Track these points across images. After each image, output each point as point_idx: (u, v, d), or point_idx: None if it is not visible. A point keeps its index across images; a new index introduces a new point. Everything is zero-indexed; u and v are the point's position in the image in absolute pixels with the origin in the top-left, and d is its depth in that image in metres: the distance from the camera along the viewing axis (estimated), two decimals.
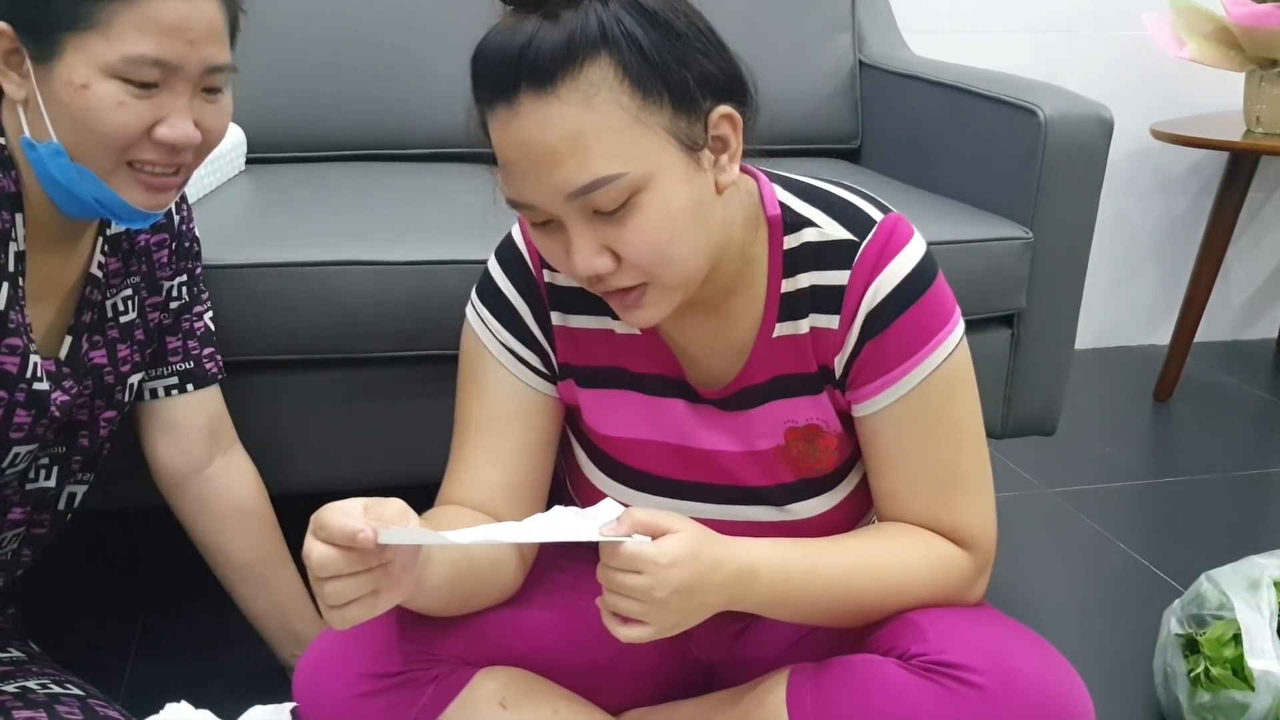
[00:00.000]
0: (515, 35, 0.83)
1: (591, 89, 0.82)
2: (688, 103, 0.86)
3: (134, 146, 0.95)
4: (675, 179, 0.86)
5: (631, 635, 0.87)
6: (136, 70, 0.92)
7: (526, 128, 0.83)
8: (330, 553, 0.79)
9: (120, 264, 1.13)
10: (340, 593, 0.80)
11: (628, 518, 0.86)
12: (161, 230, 1.16)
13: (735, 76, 0.90)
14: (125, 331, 1.14)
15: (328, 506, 0.80)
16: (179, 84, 0.95)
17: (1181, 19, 2.31)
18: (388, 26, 1.87)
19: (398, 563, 0.83)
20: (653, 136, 0.85)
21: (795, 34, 2.05)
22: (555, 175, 0.84)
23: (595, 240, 0.87)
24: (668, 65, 0.84)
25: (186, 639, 1.47)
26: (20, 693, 1.03)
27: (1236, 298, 2.80)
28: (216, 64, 0.97)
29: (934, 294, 0.97)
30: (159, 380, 1.21)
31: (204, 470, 1.24)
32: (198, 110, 0.97)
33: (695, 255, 0.90)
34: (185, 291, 1.21)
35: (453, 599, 0.99)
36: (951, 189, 1.77)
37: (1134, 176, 2.61)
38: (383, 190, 1.67)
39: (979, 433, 1.01)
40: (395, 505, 0.83)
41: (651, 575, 0.84)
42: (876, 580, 0.98)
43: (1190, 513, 1.94)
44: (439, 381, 1.23)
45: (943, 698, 0.92)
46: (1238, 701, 1.23)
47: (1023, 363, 1.66)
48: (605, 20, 0.83)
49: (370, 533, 0.77)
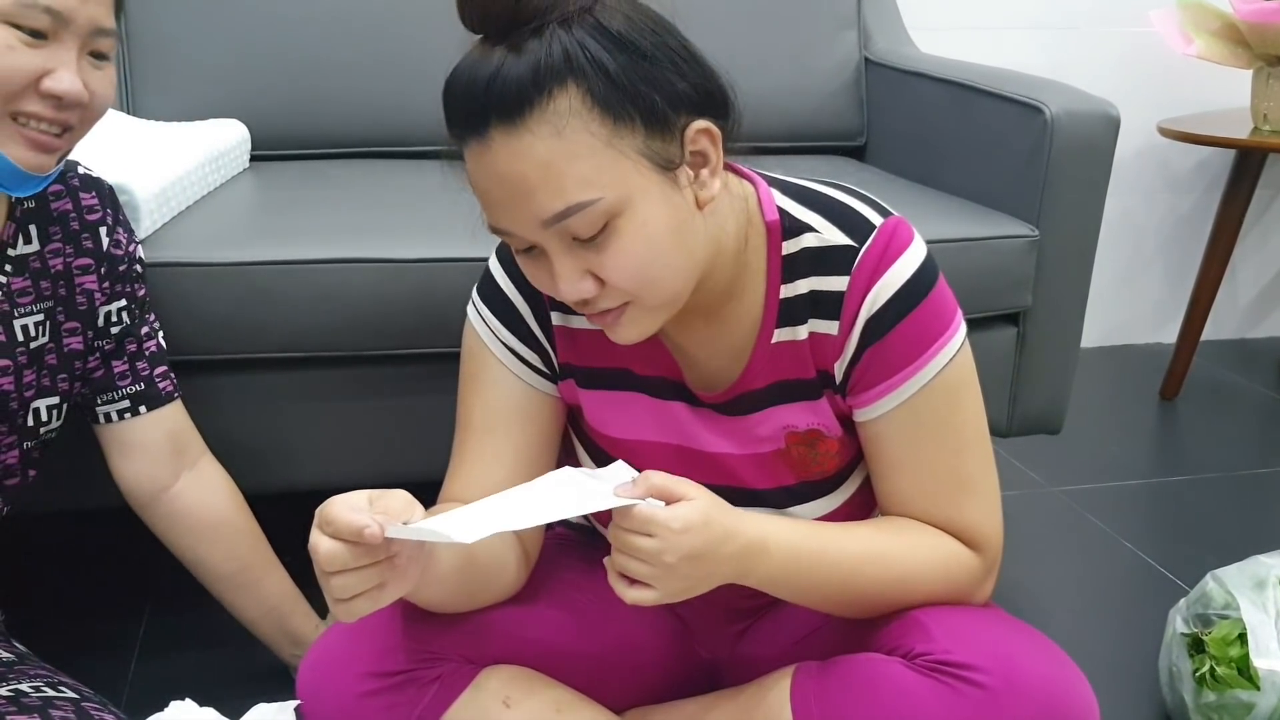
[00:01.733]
0: (481, 69, 0.83)
1: (560, 119, 0.82)
2: (660, 123, 0.85)
3: (20, 97, 0.95)
4: (652, 200, 0.86)
5: (637, 597, 0.87)
6: (27, 15, 0.92)
7: (498, 160, 0.84)
8: (337, 547, 0.79)
9: (29, 283, 1.10)
10: (346, 586, 0.81)
11: (643, 480, 0.85)
12: (85, 255, 1.14)
13: (711, 90, 0.89)
14: (35, 356, 1.11)
15: (332, 500, 0.80)
16: (68, 38, 0.95)
17: (1189, 16, 2.31)
18: (391, 23, 1.87)
19: (403, 555, 0.84)
20: (626, 160, 0.84)
21: (801, 31, 2.04)
22: (530, 204, 0.84)
23: (577, 266, 0.87)
24: (636, 88, 0.84)
25: (191, 637, 1.47)
26: (14, 696, 1.02)
27: (1243, 296, 2.80)
28: (104, 26, 0.98)
29: (935, 298, 0.96)
30: (110, 405, 1.19)
31: (171, 488, 1.24)
32: (85, 73, 0.98)
33: (678, 274, 0.90)
34: (126, 315, 1.19)
35: (458, 593, 0.99)
36: (957, 187, 1.77)
37: (1140, 174, 2.61)
38: (386, 188, 1.67)
39: (984, 435, 1.01)
40: (400, 496, 0.83)
41: (663, 539, 0.84)
42: (885, 569, 0.97)
43: (1196, 512, 1.94)
44: (441, 379, 1.23)
45: (947, 697, 0.92)
46: (1243, 701, 1.23)
47: (1029, 361, 1.65)
48: (570, 48, 0.82)
49: (377, 529, 0.77)
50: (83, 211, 1.14)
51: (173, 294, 1.29)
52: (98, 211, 1.15)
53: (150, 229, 1.33)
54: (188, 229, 1.39)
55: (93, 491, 1.25)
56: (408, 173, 1.75)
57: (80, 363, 1.16)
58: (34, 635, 1.21)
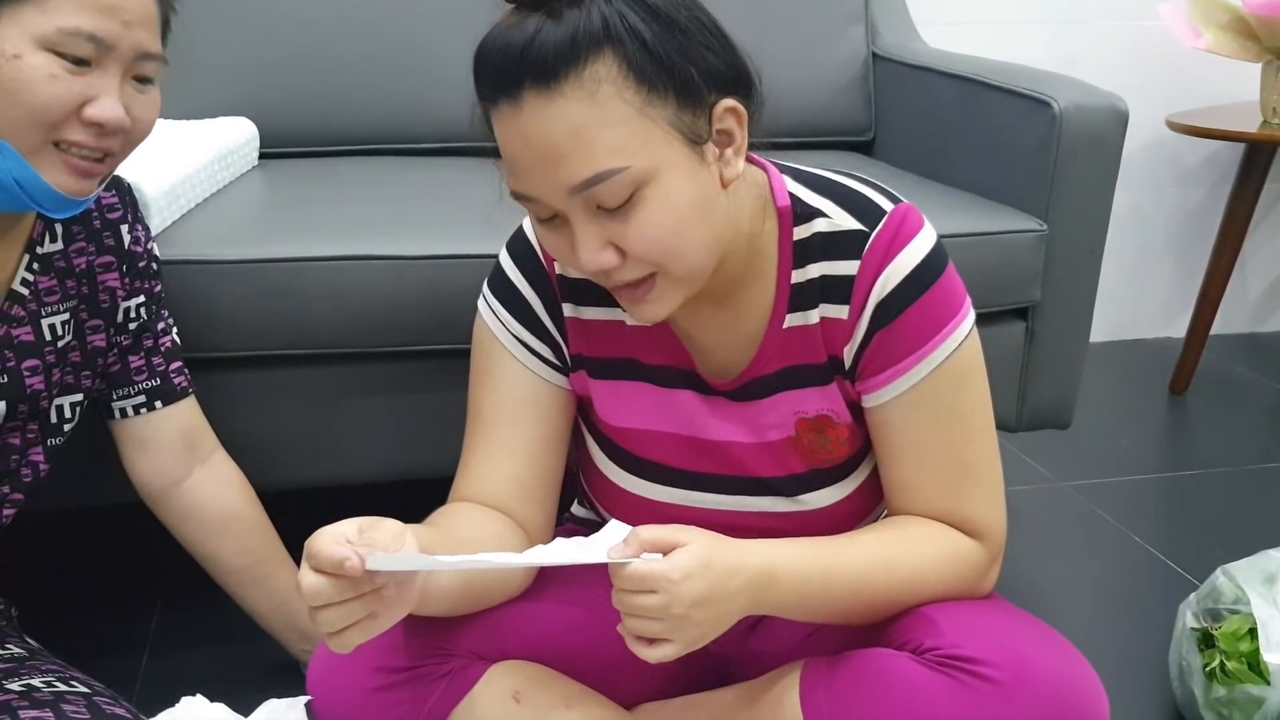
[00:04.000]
0: (518, 33, 0.83)
1: (595, 84, 0.83)
2: (692, 97, 0.86)
3: (62, 125, 0.94)
4: (680, 173, 0.86)
5: (658, 655, 0.85)
6: (70, 44, 0.92)
7: (530, 123, 0.84)
8: (321, 581, 0.78)
9: (55, 282, 1.10)
10: (332, 620, 0.80)
11: (634, 538, 0.84)
12: (107, 252, 1.14)
13: (739, 70, 0.90)
14: (61, 355, 1.11)
15: (320, 532, 0.79)
16: (111, 64, 0.95)
17: (1198, 9, 2.30)
18: (399, 21, 1.88)
19: (391, 586, 0.82)
20: (657, 131, 0.85)
21: (809, 26, 2.04)
22: (559, 170, 0.84)
23: (599, 236, 0.87)
24: (671, 60, 0.84)
25: (202, 633, 1.48)
26: (25, 691, 1.02)
27: (1253, 290, 2.79)
28: (149, 50, 0.97)
29: (944, 284, 0.96)
30: (126, 400, 1.20)
31: (183, 483, 1.24)
32: (128, 98, 0.97)
33: (701, 249, 0.90)
34: (144, 311, 1.19)
35: (462, 602, 0.99)
36: (966, 181, 1.77)
37: (1149, 168, 2.60)
38: (394, 185, 1.67)
39: (989, 423, 1.01)
40: (389, 527, 0.82)
41: (666, 592, 0.83)
42: (893, 575, 0.97)
43: (1206, 506, 1.93)
44: (451, 375, 1.23)
45: (957, 692, 0.92)
46: (1253, 696, 1.23)
47: (1038, 356, 1.65)
48: (609, 16, 0.83)
49: (357, 561, 0.76)
50: (104, 210, 1.15)
51: (181, 291, 1.29)
52: (119, 210, 1.16)
53: (160, 227, 1.33)
54: (197, 227, 1.39)
55: (104, 488, 1.26)
56: (416, 170, 1.75)
57: (102, 360, 1.17)
58: (46, 631, 1.22)
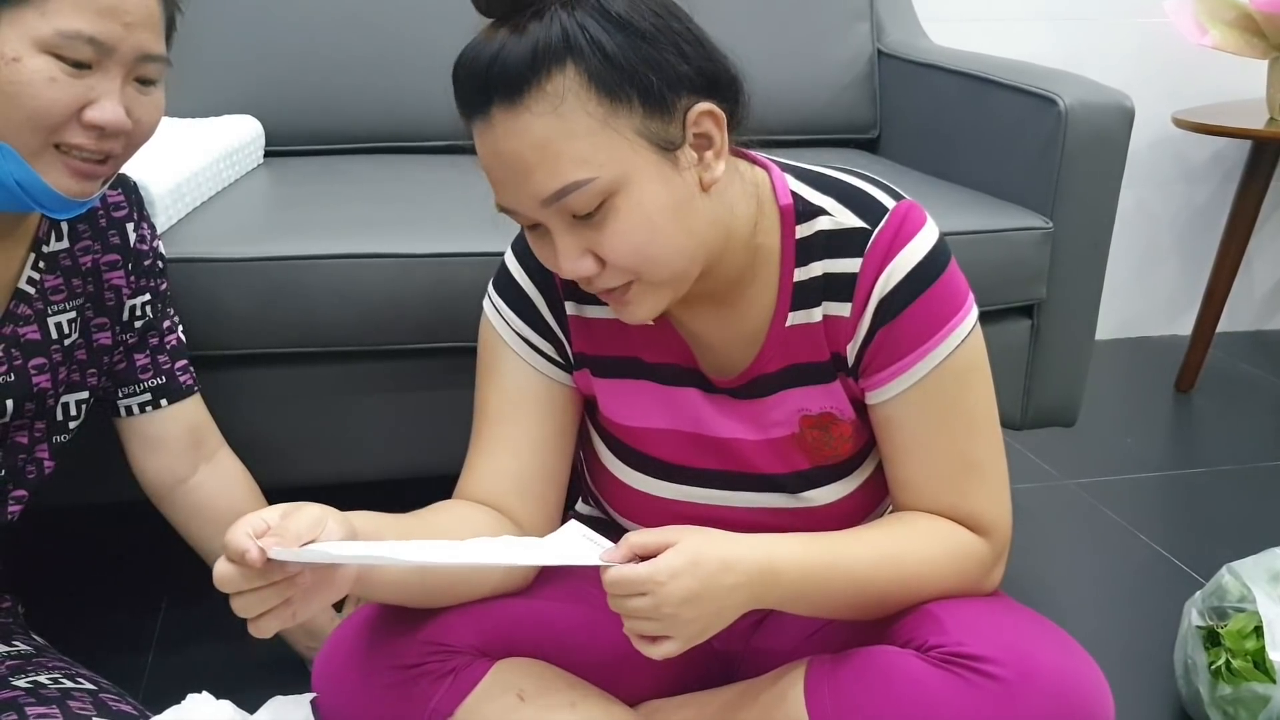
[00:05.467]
0: (485, 50, 0.85)
1: (557, 98, 0.83)
2: (659, 104, 0.86)
3: (63, 128, 0.94)
4: (650, 180, 0.87)
5: (661, 652, 0.88)
6: (70, 46, 0.91)
7: (499, 139, 0.86)
8: (228, 569, 0.79)
9: (61, 281, 1.10)
10: (245, 607, 0.81)
11: (624, 544, 0.87)
12: (113, 250, 1.14)
13: (716, 73, 0.90)
14: (67, 353, 1.11)
15: (239, 520, 0.79)
16: (112, 67, 0.94)
17: (1204, 6, 2.29)
18: (405, 20, 1.88)
19: (307, 574, 0.82)
20: (623, 140, 0.85)
21: (814, 23, 2.04)
22: (529, 182, 0.86)
23: (577, 244, 0.89)
24: (634, 69, 0.85)
25: (208, 630, 1.48)
26: (32, 688, 1.03)
27: (1259, 287, 2.78)
28: (150, 52, 0.96)
29: (947, 280, 0.96)
30: (132, 398, 1.20)
31: (189, 480, 1.25)
32: (130, 99, 0.96)
33: (679, 254, 0.90)
34: (150, 309, 1.19)
35: (424, 596, 0.99)
36: (971, 179, 1.77)
37: (1155, 165, 2.59)
38: (400, 183, 1.67)
39: (993, 419, 1.01)
40: (308, 515, 0.81)
41: (654, 594, 0.85)
42: (897, 571, 0.97)
43: (1212, 504, 1.93)
44: (456, 373, 1.24)
45: (962, 689, 0.92)
46: (1259, 694, 1.22)
47: (1043, 353, 1.65)
48: (569, 29, 0.84)
49: (256, 553, 0.77)
50: (110, 208, 1.15)
51: (187, 289, 1.29)
52: (124, 208, 1.16)
53: (165, 225, 1.33)
54: (202, 225, 1.40)
55: (111, 486, 1.26)
56: (421, 168, 1.75)
57: (108, 357, 1.17)
58: (53, 628, 1.23)
